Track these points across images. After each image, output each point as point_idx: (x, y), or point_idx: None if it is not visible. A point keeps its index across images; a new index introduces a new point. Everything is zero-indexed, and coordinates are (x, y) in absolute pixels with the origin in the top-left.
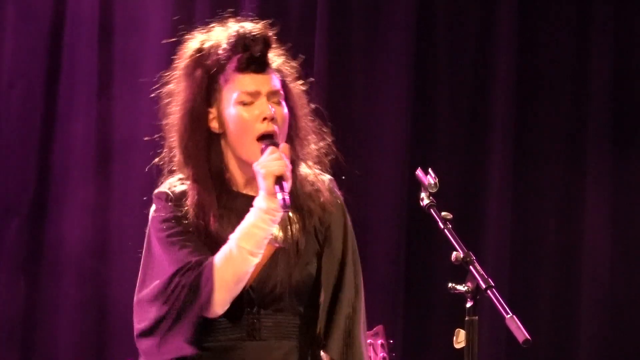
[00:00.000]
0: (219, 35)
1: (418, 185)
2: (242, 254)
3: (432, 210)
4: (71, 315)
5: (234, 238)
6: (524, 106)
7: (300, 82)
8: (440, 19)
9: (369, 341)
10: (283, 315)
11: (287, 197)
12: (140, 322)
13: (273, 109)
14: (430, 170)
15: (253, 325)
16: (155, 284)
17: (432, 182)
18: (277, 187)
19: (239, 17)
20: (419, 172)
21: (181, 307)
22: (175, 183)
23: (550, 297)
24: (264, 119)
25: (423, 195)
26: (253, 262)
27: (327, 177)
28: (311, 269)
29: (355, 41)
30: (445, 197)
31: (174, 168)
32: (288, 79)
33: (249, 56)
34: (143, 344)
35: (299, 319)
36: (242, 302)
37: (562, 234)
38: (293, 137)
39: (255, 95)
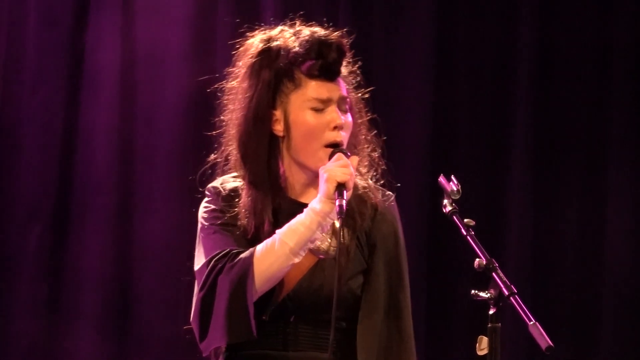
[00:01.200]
0: (287, 37)
1: (440, 192)
2: (283, 249)
3: (454, 217)
4: (93, 321)
5: (279, 232)
6: (546, 110)
7: (361, 90)
8: (461, 22)
9: None
10: (322, 328)
11: (343, 205)
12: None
13: (343, 118)
14: (452, 177)
15: (289, 335)
16: (196, 272)
17: (455, 188)
18: (336, 194)
19: (309, 22)
20: (442, 179)
21: (217, 292)
22: (228, 179)
23: (572, 304)
24: (335, 127)
25: (445, 202)
26: (292, 260)
27: (388, 193)
28: (353, 285)
29: (376, 44)
30: (467, 204)
31: (229, 167)
32: (350, 87)
33: (323, 63)
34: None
35: (340, 334)
36: (279, 312)
37: (584, 240)
38: (350, 145)
39: (327, 102)
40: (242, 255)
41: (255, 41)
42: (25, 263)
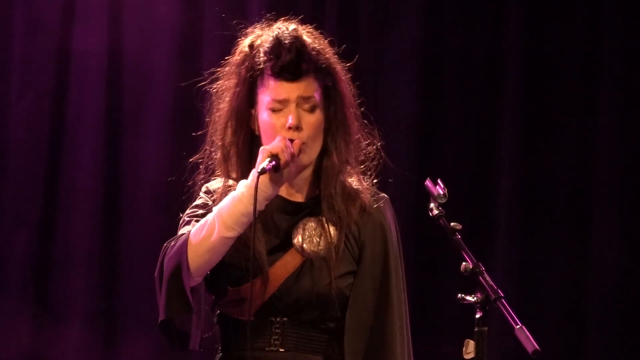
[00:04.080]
0: (265, 38)
1: (427, 196)
2: (215, 222)
3: (441, 221)
4: (80, 325)
5: (215, 208)
6: (533, 113)
7: (351, 86)
8: (449, 27)
9: None
10: (310, 328)
11: (268, 167)
12: None
13: (292, 121)
14: (439, 180)
15: (276, 334)
16: None
17: (442, 192)
18: (267, 160)
19: (290, 18)
20: (428, 183)
21: (159, 269)
22: (217, 180)
23: (559, 308)
24: (289, 127)
25: (432, 205)
26: (224, 234)
27: (381, 195)
28: (341, 284)
29: (362, 48)
30: (454, 207)
31: (213, 165)
32: (333, 83)
33: (279, 63)
34: None
35: (328, 336)
36: (267, 311)
37: (572, 244)
38: (338, 140)
39: (284, 102)
40: (183, 235)
41: (244, 41)
42: (12, 265)
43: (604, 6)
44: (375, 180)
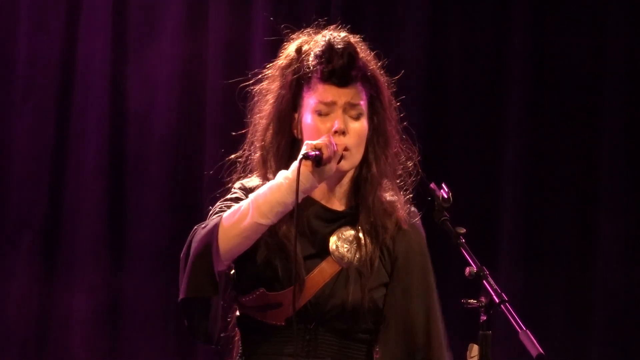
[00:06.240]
0: (314, 42)
1: (431, 199)
2: (249, 207)
3: (445, 225)
4: (84, 328)
5: (251, 195)
6: (538, 118)
7: (394, 99)
8: (454, 29)
9: None
10: (341, 337)
11: (311, 154)
12: None
13: (339, 125)
14: (443, 184)
15: (308, 342)
16: None
17: (446, 196)
18: (310, 151)
19: (338, 27)
20: (433, 187)
21: (186, 249)
22: (254, 179)
23: (564, 312)
24: (335, 131)
25: (436, 209)
26: (258, 220)
27: (413, 210)
28: (375, 295)
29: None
30: (458, 211)
31: (251, 166)
32: (377, 94)
33: (330, 68)
34: None
35: (358, 345)
36: (299, 317)
37: (576, 247)
38: (378, 153)
39: (331, 105)
40: (215, 219)
41: (291, 45)
42: (17, 268)
43: (609, 11)
44: (411, 196)
